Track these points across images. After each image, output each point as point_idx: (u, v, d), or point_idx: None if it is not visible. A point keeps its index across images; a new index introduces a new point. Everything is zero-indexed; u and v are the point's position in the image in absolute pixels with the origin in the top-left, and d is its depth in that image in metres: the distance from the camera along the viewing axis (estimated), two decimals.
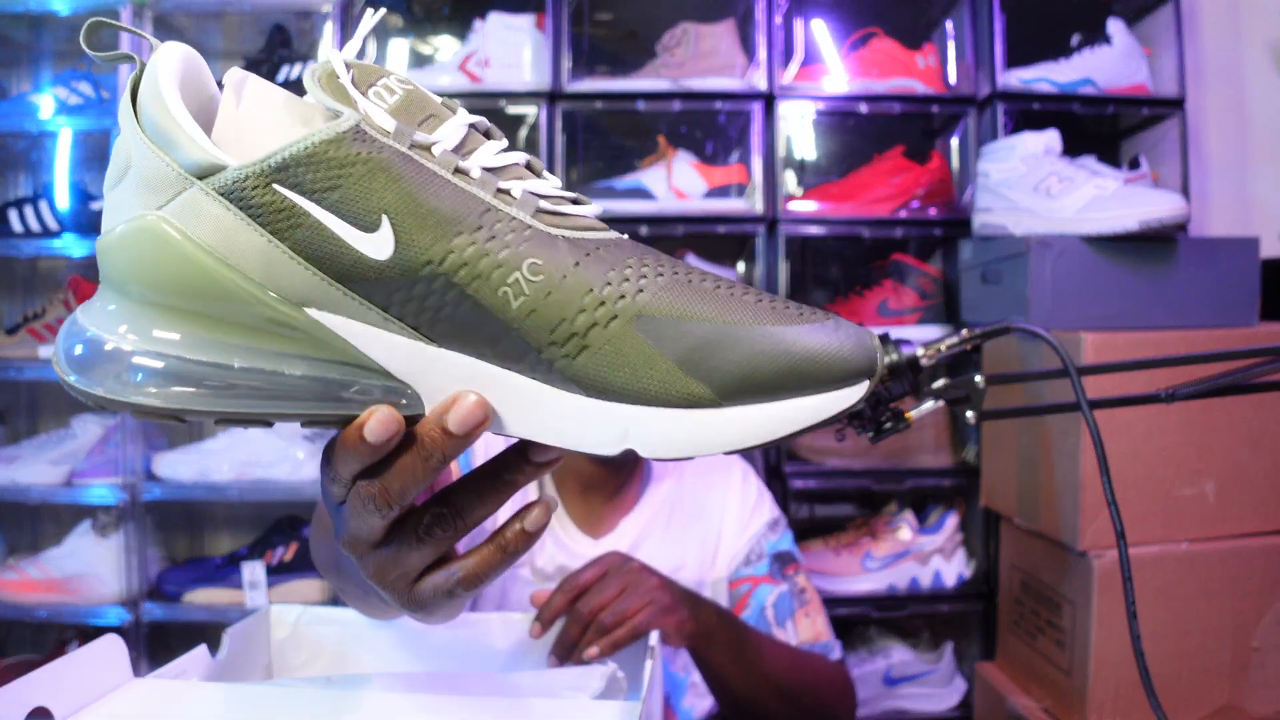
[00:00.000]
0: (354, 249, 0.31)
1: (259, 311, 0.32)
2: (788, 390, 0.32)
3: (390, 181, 0.31)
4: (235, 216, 0.31)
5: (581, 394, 0.32)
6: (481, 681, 0.61)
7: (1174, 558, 1.09)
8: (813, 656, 0.92)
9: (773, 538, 1.00)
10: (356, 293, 0.32)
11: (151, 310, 0.32)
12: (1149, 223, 1.15)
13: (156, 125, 0.32)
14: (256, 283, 0.32)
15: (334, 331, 0.32)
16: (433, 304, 0.32)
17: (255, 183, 0.31)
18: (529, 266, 0.32)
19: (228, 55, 1.78)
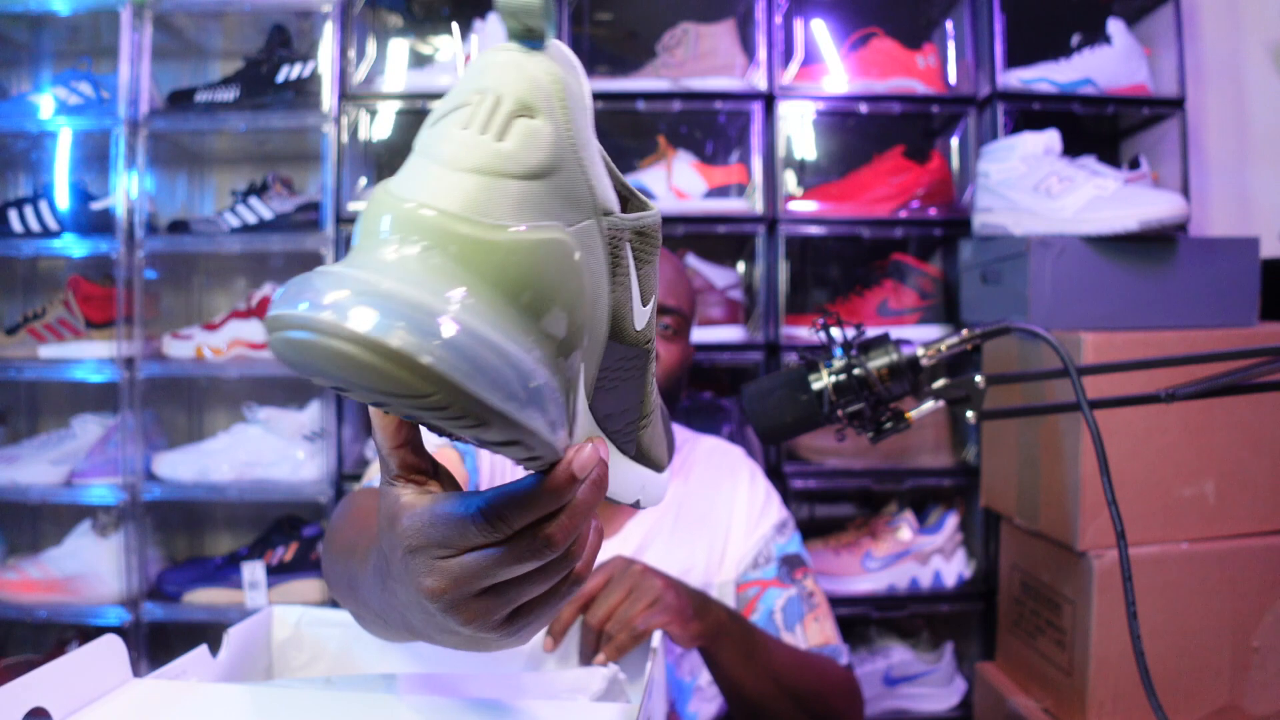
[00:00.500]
0: (631, 315, 0.34)
1: (570, 340, 0.31)
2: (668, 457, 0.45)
3: (656, 269, 0.37)
4: (607, 257, 0.33)
5: (630, 458, 0.39)
6: (482, 683, 0.61)
7: (1174, 558, 1.09)
8: (822, 660, 0.92)
9: (781, 540, 1.00)
10: (607, 349, 0.34)
11: (531, 321, 0.29)
12: (1149, 223, 1.15)
13: (585, 143, 0.31)
14: (587, 314, 0.31)
15: (574, 377, 0.32)
16: (627, 369, 0.36)
17: (623, 236, 0.33)
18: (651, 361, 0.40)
19: (228, 55, 1.78)
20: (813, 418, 0.75)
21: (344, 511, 0.64)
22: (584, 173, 0.31)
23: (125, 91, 1.56)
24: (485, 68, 0.29)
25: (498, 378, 0.26)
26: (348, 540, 0.53)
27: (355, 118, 1.60)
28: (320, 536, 1.59)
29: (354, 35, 1.60)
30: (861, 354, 0.74)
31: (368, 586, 0.42)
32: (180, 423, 1.75)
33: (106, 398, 1.62)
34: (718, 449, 1.06)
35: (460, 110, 0.29)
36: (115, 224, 1.57)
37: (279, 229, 1.60)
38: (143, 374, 1.56)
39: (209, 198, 1.82)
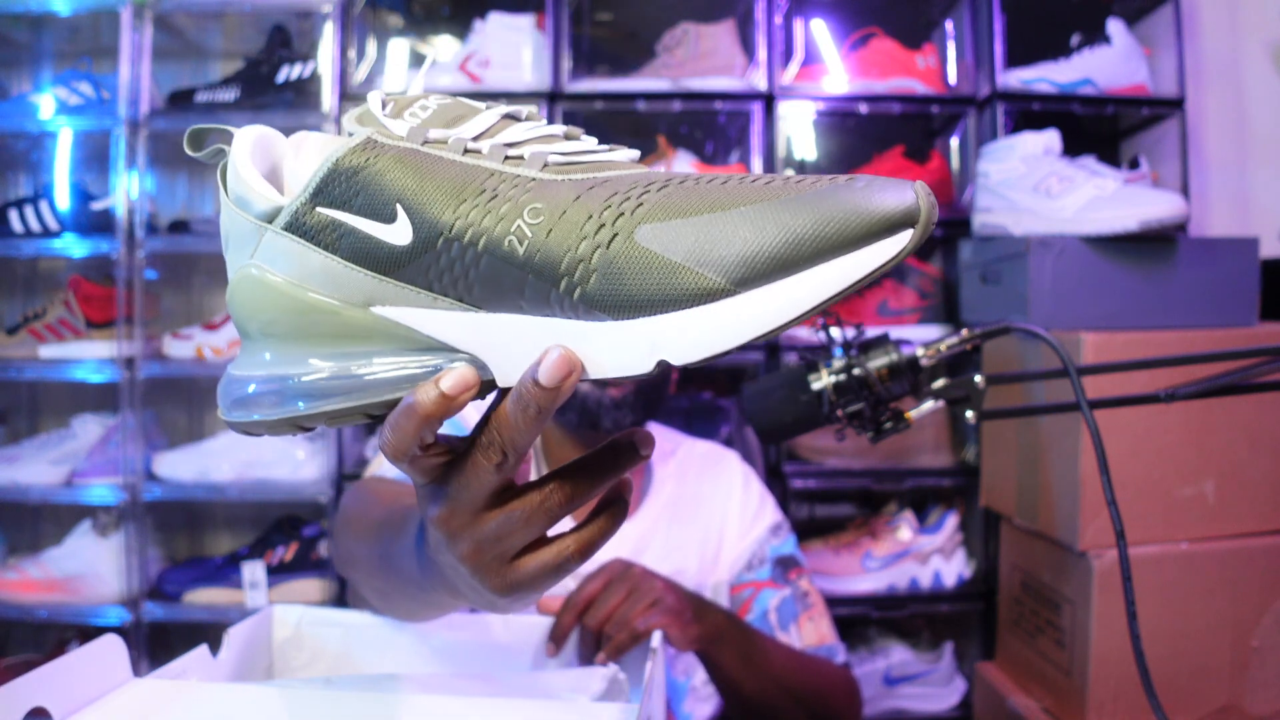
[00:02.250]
0: (384, 242, 0.34)
1: (339, 320, 0.36)
2: (808, 260, 0.29)
3: (398, 175, 0.34)
4: (299, 245, 0.36)
5: (609, 319, 0.32)
6: (482, 683, 0.61)
7: (1173, 557, 1.09)
8: (818, 659, 0.92)
9: (775, 542, 1.00)
10: (402, 280, 0.35)
11: (264, 341, 0.37)
12: (1149, 223, 1.15)
13: (237, 192, 0.37)
14: (327, 296, 0.36)
15: (398, 321, 0.35)
16: (460, 270, 0.34)
17: (304, 210, 0.35)
18: (529, 212, 0.33)
19: (228, 55, 1.78)
20: (812, 418, 0.75)
21: (362, 496, 0.67)
22: (238, 214, 0.37)
23: (125, 91, 1.56)
24: None
25: (236, 405, 0.38)
26: (378, 519, 0.56)
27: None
28: (320, 536, 1.59)
29: (354, 36, 1.60)
30: (861, 354, 0.74)
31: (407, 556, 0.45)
32: (180, 423, 1.75)
33: (107, 398, 1.62)
34: (713, 452, 1.06)
35: None
36: (116, 224, 1.57)
37: None
38: (143, 374, 1.56)
39: (209, 198, 1.82)
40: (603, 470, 0.37)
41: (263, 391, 0.37)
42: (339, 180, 0.35)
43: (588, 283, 0.32)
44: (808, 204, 0.30)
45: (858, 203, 0.29)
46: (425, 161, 0.35)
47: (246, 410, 0.37)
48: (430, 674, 0.66)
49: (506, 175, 0.34)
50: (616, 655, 0.72)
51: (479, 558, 0.37)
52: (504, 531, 0.36)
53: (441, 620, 0.72)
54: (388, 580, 0.52)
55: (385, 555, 0.50)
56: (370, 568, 0.55)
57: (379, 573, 0.53)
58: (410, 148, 0.35)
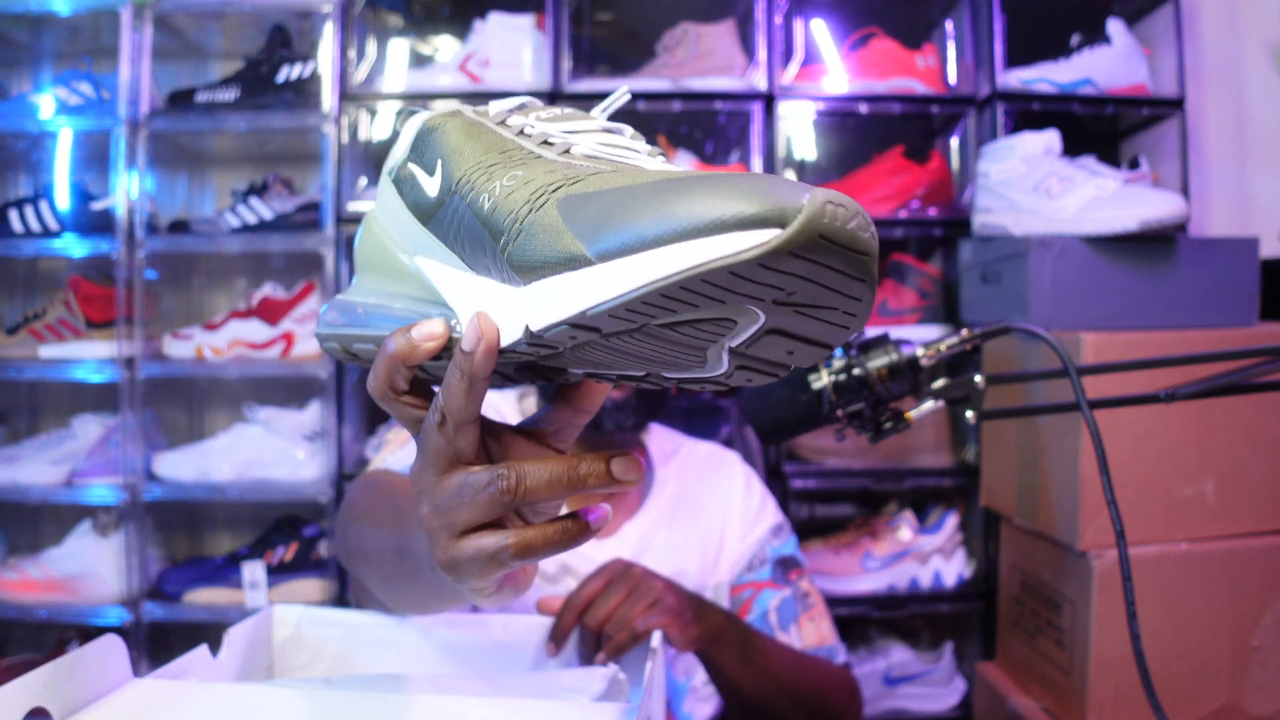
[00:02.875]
0: (425, 191, 0.39)
1: (393, 263, 0.41)
2: (664, 239, 0.27)
3: (453, 135, 0.38)
4: (392, 192, 0.41)
5: (520, 283, 0.32)
6: (482, 683, 0.61)
7: (1173, 557, 1.09)
8: (819, 660, 0.92)
9: (776, 543, 1.00)
10: (433, 230, 0.38)
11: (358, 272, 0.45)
12: (1148, 223, 1.15)
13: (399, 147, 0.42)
14: (394, 238, 0.41)
15: (424, 272, 0.39)
16: (456, 223, 0.36)
17: (402, 164, 0.41)
18: (510, 177, 0.34)
19: (228, 55, 1.78)
20: (812, 418, 0.75)
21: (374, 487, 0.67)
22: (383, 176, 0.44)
23: (125, 91, 1.56)
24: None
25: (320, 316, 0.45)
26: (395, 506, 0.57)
27: (355, 118, 1.60)
28: (320, 536, 1.59)
29: (354, 35, 1.60)
30: (861, 354, 0.74)
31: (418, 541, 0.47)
32: (180, 423, 1.75)
33: (107, 398, 1.63)
34: (714, 454, 1.06)
35: None
36: (115, 224, 1.57)
37: (279, 229, 1.60)
38: (143, 374, 1.56)
39: (209, 198, 1.82)
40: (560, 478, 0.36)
41: (334, 311, 0.43)
42: (421, 139, 0.40)
43: (513, 243, 0.32)
44: (682, 186, 0.28)
45: (723, 189, 0.27)
46: (469, 129, 0.39)
47: (322, 324, 0.43)
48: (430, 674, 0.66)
49: (511, 145, 0.37)
50: (616, 655, 0.72)
51: (433, 522, 0.38)
52: (455, 501, 0.37)
53: (442, 619, 0.72)
54: (400, 566, 0.52)
55: (403, 539, 0.51)
56: (383, 556, 0.55)
57: (392, 559, 0.54)
58: (467, 118, 0.39)
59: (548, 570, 0.94)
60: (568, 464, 0.36)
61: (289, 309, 1.61)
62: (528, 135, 0.38)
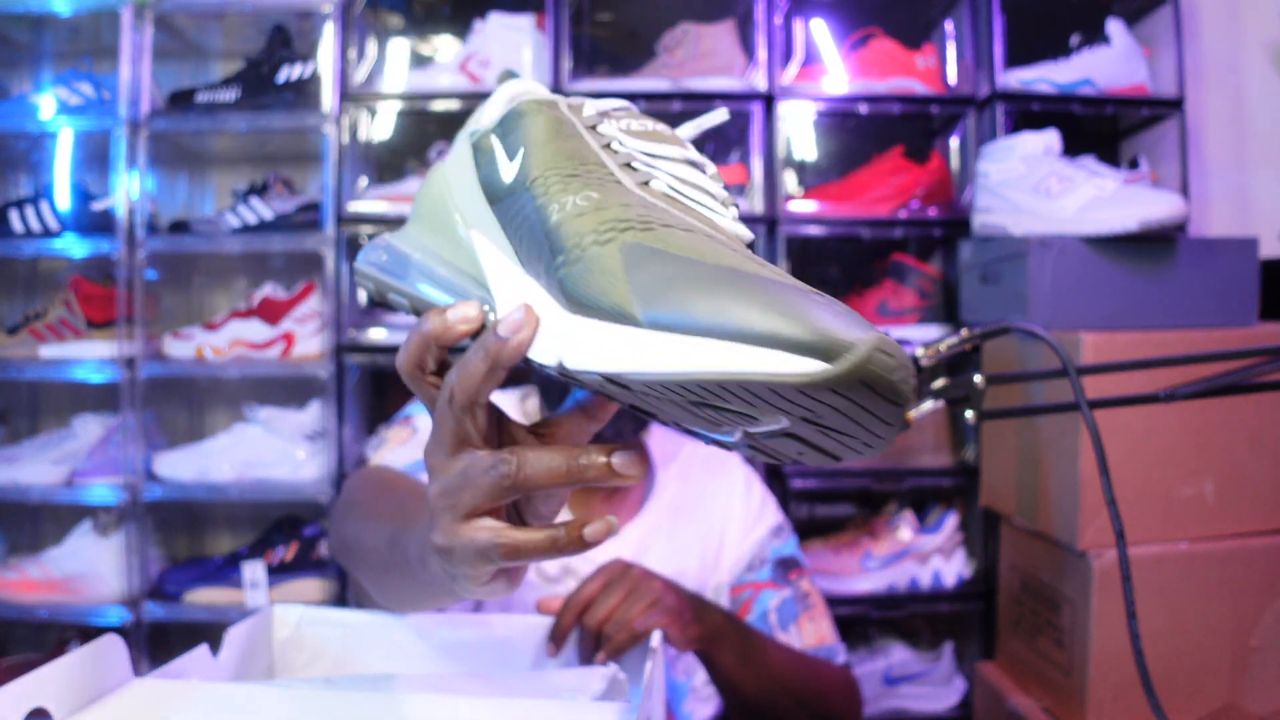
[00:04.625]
0: (500, 173, 0.39)
1: (450, 227, 0.41)
2: (718, 332, 0.28)
3: (541, 128, 0.39)
4: (469, 158, 0.41)
5: (564, 307, 0.33)
6: (482, 683, 0.61)
7: (1173, 557, 1.09)
8: (819, 660, 0.92)
9: (776, 544, 1.00)
10: (496, 213, 0.38)
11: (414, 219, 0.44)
12: (1148, 223, 1.15)
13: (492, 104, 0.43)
14: (460, 206, 0.41)
15: (476, 249, 0.39)
16: (520, 219, 0.37)
17: (485, 133, 0.41)
18: (583, 196, 0.35)
19: (228, 55, 1.78)
20: None
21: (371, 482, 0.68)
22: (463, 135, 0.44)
23: (126, 92, 1.56)
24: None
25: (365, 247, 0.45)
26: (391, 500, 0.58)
27: (356, 118, 1.60)
28: (320, 536, 1.59)
29: (354, 35, 1.60)
30: None
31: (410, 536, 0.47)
32: (181, 423, 1.75)
33: (107, 398, 1.63)
34: (715, 455, 1.06)
35: None
36: (116, 224, 1.57)
37: (279, 229, 1.60)
38: (143, 374, 1.57)
39: (209, 198, 1.82)
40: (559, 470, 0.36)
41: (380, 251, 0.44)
42: (511, 119, 0.40)
43: (572, 267, 0.33)
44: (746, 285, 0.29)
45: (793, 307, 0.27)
46: (560, 127, 0.39)
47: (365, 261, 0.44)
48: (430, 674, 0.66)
49: (593, 158, 0.37)
50: (616, 655, 0.72)
51: (439, 502, 0.38)
52: (460, 482, 0.37)
53: (442, 619, 0.72)
54: (393, 557, 0.53)
55: (396, 532, 0.52)
56: (376, 549, 0.56)
57: (385, 550, 0.54)
58: (557, 112, 0.39)
59: (549, 571, 0.94)
60: (568, 455, 0.36)
61: (289, 309, 1.61)
62: (614, 151, 0.38)
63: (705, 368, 0.27)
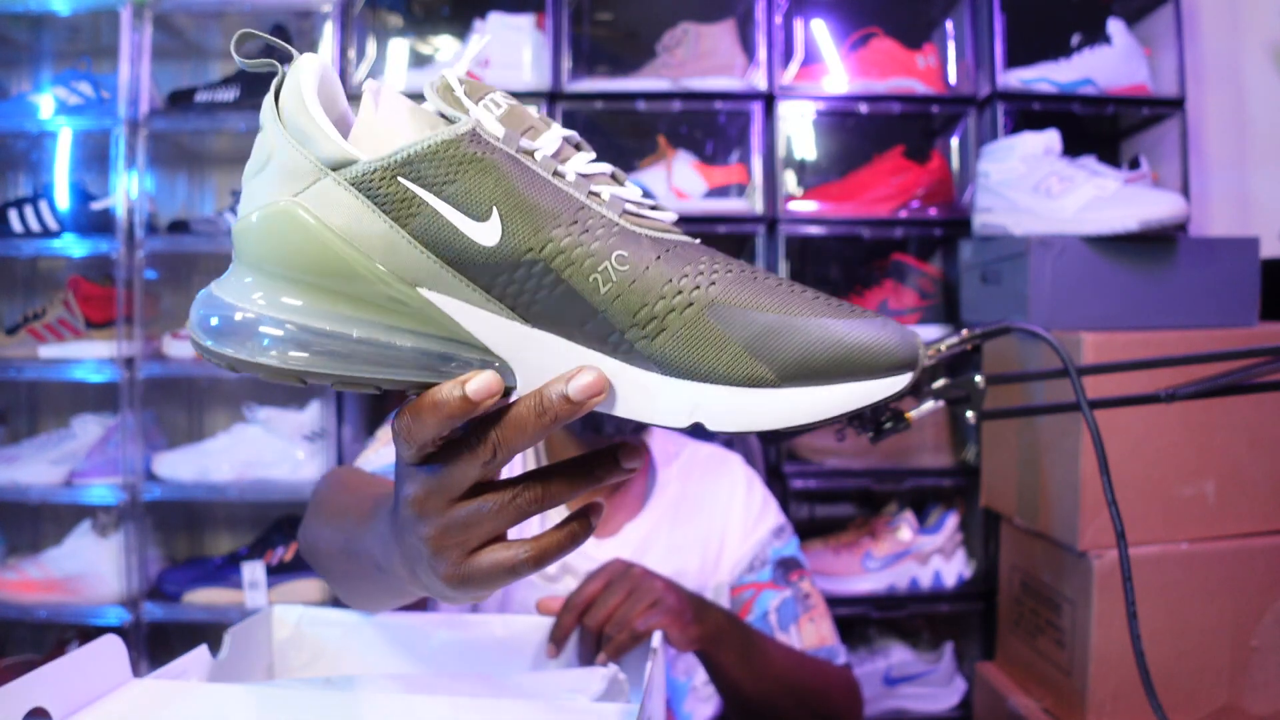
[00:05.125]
0: (466, 236, 0.35)
1: (379, 289, 0.36)
2: (839, 376, 0.35)
3: (500, 179, 0.35)
4: (363, 204, 0.35)
5: (658, 372, 0.36)
6: (482, 683, 0.61)
7: (1173, 558, 1.09)
8: (819, 660, 0.92)
9: (777, 544, 1.00)
10: (464, 275, 0.36)
11: (282, 283, 0.36)
12: (1149, 223, 1.15)
13: (297, 124, 0.36)
14: (377, 263, 0.35)
15: (441, 310, 0.36)
16: (530, 287, 0.36)
17: (383, 175, 0.35)
18: (616, 258, 0.36)
19: (227, 55, 1.78)
20: None
21: (334, 483, 0.69)
22: (295, 148, 0.35)
23: (125, 91, 1.56)
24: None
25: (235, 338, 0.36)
26: (346, 504, 0.58)
27: None
28: None
29: (354, 35, 1.60)
30: None
31: (372, 537, 0.47)
32: (180, 423, 1.75)
33: (106, 398, 1.62)
34: (716, 455, 1.06)
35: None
36: (115, 224, 1.57)
37: None
38: (143, 374, 1.56)
39: (209, 198, 1.82)
40: (578, 477, 0.38)
41: (268, 333, 0.36)
42: (438, 162, 0.35)
43: (655, 337, 0.36)
44: (846, 331, 0.36)
45: (881, 339, 0.36)
46: (525, 174, 0.36)
47: (240, 344, 0.36)
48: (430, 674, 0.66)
49: (594, 213, 0.36)
50: (617, 656, 0.71)
51: (442, 542, 0.38)
52: (471, 521, 0.38)
53: (442, 619, 0.72)
54: (349, 562, 0.54)
55: (350, 538, 0.52)
56: (333, 549, 0.57)
57: (340, 554, 0.55)
58: (508, 153, 0.36)
59: (548, 570, 0.94)
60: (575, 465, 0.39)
61: None
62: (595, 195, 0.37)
63: (844, 408, 0.35)
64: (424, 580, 0.41)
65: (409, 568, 0.42)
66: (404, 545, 0.41)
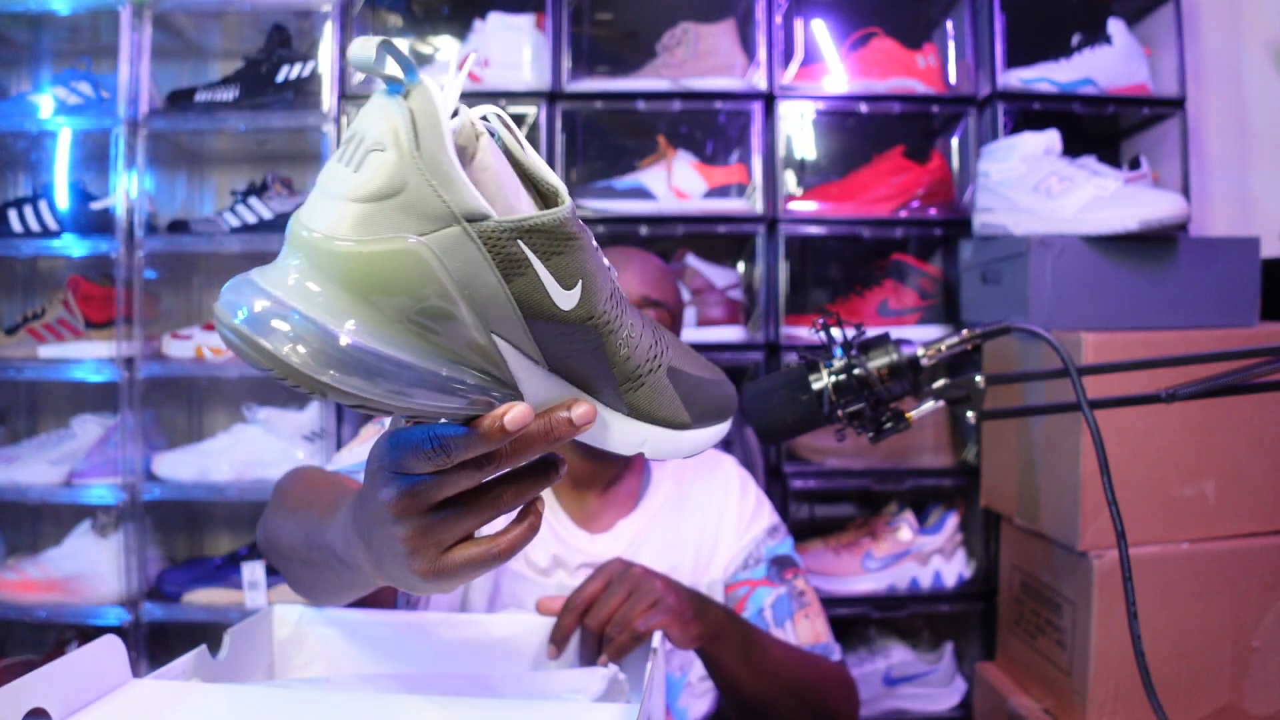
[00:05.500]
0: (552, 299, 0.40)
1: (465, 334, 0.38)
2: (714, 419, 0.50)
3: (587, 257, 0.41)
4: (484, 258, 0.37)
5: (625, 414, 0.46)
6: (482, 683, 0.61)
7: (1174, 558, 1.09)
8: (816, 656, 0.92)
9: (771, 543, 1.00)
10: (533, 328, 0.40)
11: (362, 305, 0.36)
12: (1149, 223, 1.15)
13: (438, 165, 0.36)
14: (474, 311, 0.38)
15: (504, 355, 0.40)
16: (577, 343, 0.42)
17: (509, 236, 0.37)
18: (631, 327, 0.45)
19: (227, 55, 1.78)
20: (813, 418, 0.75)
21: (295, 480, 0.71)
22: (434, 190, 0.36)
23: (125, 91, 1.56)
24: (360, 114, 0.37)
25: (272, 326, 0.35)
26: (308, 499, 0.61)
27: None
28: None
29: (354, 35, 1.59)
30: (861, 354, 0.74)
31: (334, 532, 0.51)
32: (180, 423, 1.75)
33: (106, 398, 1.62)
34: (710, 455, 1.07)
35: (341, 149, 0.37)
36: (115, 224, 1.57)
37: (279, 229, 1.60)
38: (142, 374, 1.56)
39: (209, 197, 1.81)
40: (532, 483, 0.43)
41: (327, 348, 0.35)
42: (551, 236, 0.38)
43: (637, 390, 0.45)
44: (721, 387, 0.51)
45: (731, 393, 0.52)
46: (596, 254, 0.42)
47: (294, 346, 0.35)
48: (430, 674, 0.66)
49: (617, 289, 0.45)
50: (618, 656, 0.71)
51: (419, 542, 0.42)
52: (449, 523, 0.42)
53: (441, 619, 0.72)
54: (309, 554, 0.57)
55: (311, 531, 0.56)
56: (294, 542, 0.59)
57: (301, 547, 0.58)
58: (590, 235, 0.41)
59: (539, 563, 0.94)
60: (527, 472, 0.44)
61: None
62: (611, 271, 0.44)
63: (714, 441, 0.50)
64: (391, 573, 0.44)
65: (374, 562, 0.45)
66: (373, 541, 0.44)
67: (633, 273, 0.99)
